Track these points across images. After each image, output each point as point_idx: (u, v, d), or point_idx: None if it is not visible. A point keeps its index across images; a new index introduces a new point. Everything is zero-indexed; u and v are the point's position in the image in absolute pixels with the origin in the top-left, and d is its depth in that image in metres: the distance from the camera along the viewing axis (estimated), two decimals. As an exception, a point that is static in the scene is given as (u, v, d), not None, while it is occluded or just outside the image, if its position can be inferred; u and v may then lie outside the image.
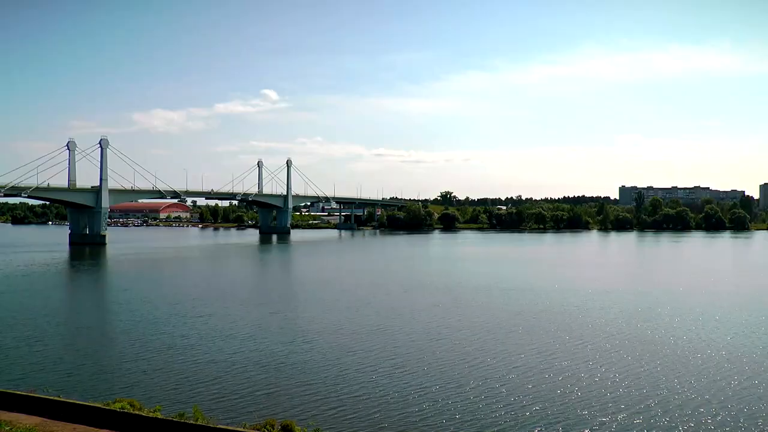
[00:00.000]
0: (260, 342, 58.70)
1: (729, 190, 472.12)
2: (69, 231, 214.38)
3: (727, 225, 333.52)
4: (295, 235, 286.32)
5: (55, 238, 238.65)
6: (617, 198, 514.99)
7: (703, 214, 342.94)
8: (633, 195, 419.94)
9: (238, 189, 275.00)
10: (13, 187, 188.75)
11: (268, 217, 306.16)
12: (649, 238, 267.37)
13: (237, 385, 44.88)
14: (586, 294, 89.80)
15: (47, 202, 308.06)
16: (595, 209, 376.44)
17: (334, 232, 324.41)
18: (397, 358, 52.71)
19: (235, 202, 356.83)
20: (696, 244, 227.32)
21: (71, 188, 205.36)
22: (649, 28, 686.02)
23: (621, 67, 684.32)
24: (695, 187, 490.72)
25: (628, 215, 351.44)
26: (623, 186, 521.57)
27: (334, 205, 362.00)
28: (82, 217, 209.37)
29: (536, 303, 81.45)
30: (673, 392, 43.27)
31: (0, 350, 55.04)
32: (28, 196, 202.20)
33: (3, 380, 43.87)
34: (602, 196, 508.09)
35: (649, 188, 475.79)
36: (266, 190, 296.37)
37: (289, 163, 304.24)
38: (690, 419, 38.04)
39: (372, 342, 58.79)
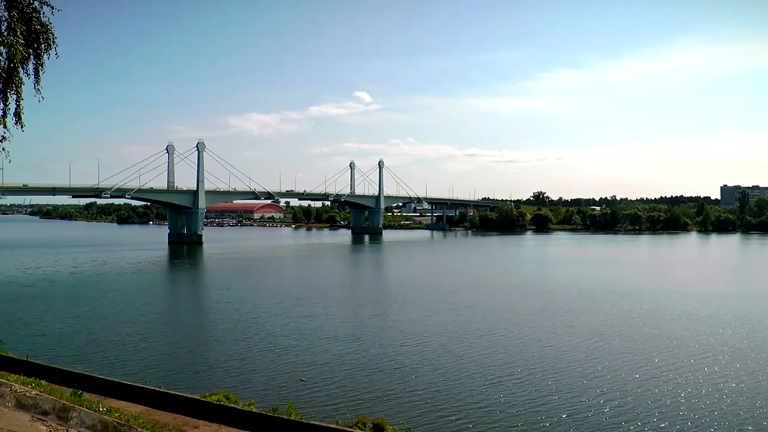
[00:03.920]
0: (361, 343, 58.14)
1: None
2: (168, 230, 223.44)
3: None
4: (387, 235, 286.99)
5: (156, 237, 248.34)
6: (719, 198, 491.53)
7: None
8: (736, 195, 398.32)
9: (331, 190, 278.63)
10: (117, 189, 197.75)
11: (361, 217, 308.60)
12: (756, 240, 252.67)
13: (335, 386, 44.51)
14: (694, 299, 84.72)
15: (148, 203, 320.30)
16: (695, 210, 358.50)
17: (426, 233, 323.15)
18: (503, 365, 50.71)
19: (327, 203, 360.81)
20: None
21: (170, 189, 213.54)
22: (747, 17, 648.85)
23: (719, 59, 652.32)
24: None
25: (730, 216, 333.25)
26: (725, 185, 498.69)
27: (425, 205, 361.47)
28: (180, 218, 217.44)
29: (643, 308, 77.52)
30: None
31: (113, 345, 57.12)
32: (131, 198, 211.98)
33: (115, 372, 45.16)
34: (702, 196, 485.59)
35: (755, 187, 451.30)
36: (358, 191, 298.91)
37: (381, 164, 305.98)
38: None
39: (477, 346, 57.01)
